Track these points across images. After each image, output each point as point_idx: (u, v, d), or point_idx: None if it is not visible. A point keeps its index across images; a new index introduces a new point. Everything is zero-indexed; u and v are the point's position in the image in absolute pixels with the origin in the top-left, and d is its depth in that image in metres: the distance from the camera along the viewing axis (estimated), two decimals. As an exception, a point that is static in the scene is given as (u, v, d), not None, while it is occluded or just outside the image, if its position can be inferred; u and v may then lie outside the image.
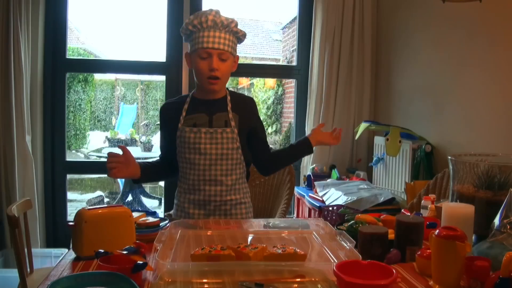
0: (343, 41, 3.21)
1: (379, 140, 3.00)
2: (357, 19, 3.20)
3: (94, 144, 6.40)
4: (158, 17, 3.60)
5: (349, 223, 1.45)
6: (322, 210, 2.16)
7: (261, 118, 1.84)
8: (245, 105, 1.78)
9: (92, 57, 6.52)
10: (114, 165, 1.59)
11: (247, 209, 1.79)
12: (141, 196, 5.04)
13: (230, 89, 1.80)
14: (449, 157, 1.44)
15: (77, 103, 6.09)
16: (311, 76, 3.29)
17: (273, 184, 2.54)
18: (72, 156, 5.97)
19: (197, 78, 1.71)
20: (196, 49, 1.64)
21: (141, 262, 1.08)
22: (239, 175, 1.74)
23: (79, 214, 1.27)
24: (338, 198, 2.58)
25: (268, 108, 6.83)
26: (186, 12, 3.22)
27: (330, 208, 1.94)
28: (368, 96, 3.29)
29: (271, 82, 6.68)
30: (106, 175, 1.78)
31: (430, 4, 2.63)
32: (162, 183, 4.23)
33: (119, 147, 1.67)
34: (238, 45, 1.74)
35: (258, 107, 1.83)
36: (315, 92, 3.26)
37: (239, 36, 1.71)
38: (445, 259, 1.08)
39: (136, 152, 5.62)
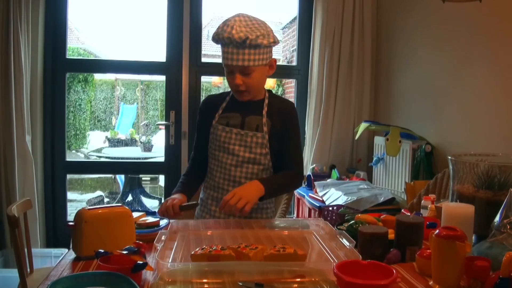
0: (343, 41, 3.21)
1: (379, 140, 3.00)
2: (357, 19, 3.20)
3: (94, 144, 6.40)
4: (158, 17, 3.59)
5: (349, 223, 1.45)
6: (322, 210, 2.16)
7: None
8: (282, 111, 1.73)
9: (92, 57, 6.52)
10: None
11: (268, 214, 1.80)
12: (141, 196, 5.05)
13: (273, 91, 1.76)
14: (449, 157, 1.44)
15: (77, 103, 6.09)
16: (311, 76, 3.29)
17: (273, 184, 2.53)
18: (72, 156, 5.97)
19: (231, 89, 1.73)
20: (223, 63, 1.65)
21: (141, 262, 1.08)
22: None
23: (79, 214, 1.27)
24: (338, 198, 2.58)
25: (268, 108, 6.82)
26: (186, 12, 3.22)
27: (330, 208, 1.94)
28: (368, 96, 3.29)
29: (271, 82, 6.67)
30: (106, 175, 1.78)
31: (430, 4, 2.63)
32: (162, 183, 4.24)
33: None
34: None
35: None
36: (315, 92, 3.26)
37: (267, 46, 1.63)
38: (445, 259, 1.08)
39: (136, 152, 5.63)
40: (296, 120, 1.77)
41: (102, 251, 1.16)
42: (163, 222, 1.54)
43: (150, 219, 1.53)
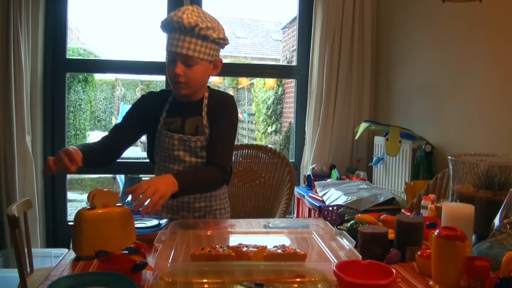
0: (343, 41, 3.20)
1: (379, 140, 3.00)
2: (357, 19, 3.20)
3: (94, 144, 6.39)
4: (158, 17, 3.59)
5: (349, 223, 1.45)
6: (322, 210, 2.16)
7: (260, 118, 1.75)
8: (220, 108, 1.64)
9: (92, 57, 6.53)
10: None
11: (222, 215, 1.76)
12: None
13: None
14: (449, 157, 1.44)
15: (77, 103, 6.09)
16: (311, 76, 3.29)
17: (273, 184, 2.53)
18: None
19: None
20: (167, 50, 1.55)
21: (141, 262, 1.08)
22: None
23: (79, 214, 1.27)
24: (338, 198, 2.58)
25: (268, 108, 6.83)
26: (186, 12, 3.22)
27: (330, 208, 1.94)
28: (368, 96, 3.29)
29: (271, 82, 6.68)
30: (106, 175, 1.78)
31: (430, 4, 2.63)
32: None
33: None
34: (224, 48, 1.60)
35: (258, 107, 1.69)
36: (315, 92, 3.26)
37: (215, 40, 1.54)
38: (445, 259, 1.08)
39: (136, 152, 5.63)
40: (229, 112, 1.64)
41: (102, 251, 1.16)
42: (163, 222, 1.54)
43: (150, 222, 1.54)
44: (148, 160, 1.78)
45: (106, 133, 1.69)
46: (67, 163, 1.39)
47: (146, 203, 1.32)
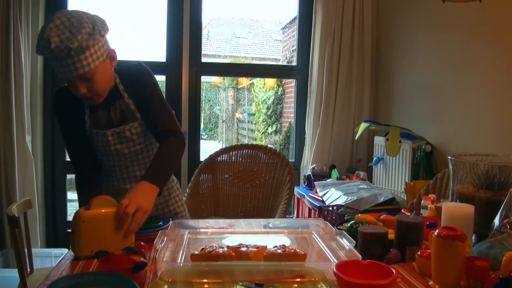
0: (343, 41, 3.21)
1: (379, 140, 3.00)
2: (357, 19, 3.20)
3: (94, 144, 6.38)
4: (158, 17, 3.60)
5: (349, 223, 1.45)
6: (322, 210, 2.16)
7: (260, 118, 1.72)
8: (137, 83, 1.53)
9: (92, 57, 6.51)
10: None
11: (177, 197, 1.73)
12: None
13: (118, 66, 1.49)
14: (449, 157, 1.44)
15: (77, 103, 6.09)
16: (311, 76, 3.29)
17: (273, 184, 2.54)
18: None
19: None
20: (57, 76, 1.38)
21: (141, 262, 1.08)
22: None
23: (77, 214, 1.27)
24: (338, 198, 2.58)
25: (268, 108, 6.83)
26: (186, 12, 3.22)
27: (330, 208, 1.94)
28: (368, 96, 3.29)
29: (271, 82, 6.68)
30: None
31: (430, 4, 2.63)
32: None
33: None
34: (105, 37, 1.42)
35: (258, 107, 1.63)
36: (315, 92, 3.26)
37: (95, 42, 1.34)
38: (445, 259, 1.08)
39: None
40: (146, 80, 1.54)
41: (102, 251, 1.16)
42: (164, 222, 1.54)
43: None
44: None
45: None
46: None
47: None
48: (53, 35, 1.29)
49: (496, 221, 1.21)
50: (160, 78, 4.06)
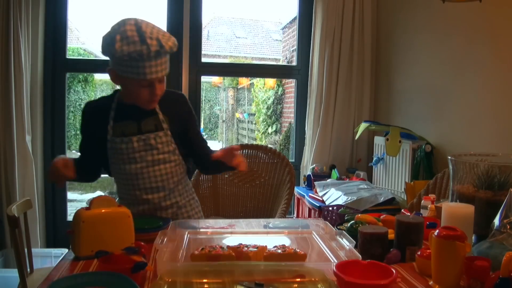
0: (343, 41, 3.20)
1: (379, 140, 3.00)
2: (357, 19, 3.20)
3: (94, 144, 6.39)
4: (158, 17, 3.59)
5: (349, 223, 1.45)
6: (322, 210, 2.16)
7: (260, 118, 1.79)
8: (176, 103, 1.67)
9: (92, 57, 6.52)
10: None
11: (194, 209, 1.78)
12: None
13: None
14: (449, 157, 1.44)
15: (77, 103, 6.08)
16: (311, 76, 3.29)
17: (273, 184, 2.54)
18: (72, 156, 5.97)
19: (133, 99, 1.56)
20: (137, 78, 1.47)
21: (141, 262, 1.08)
22: (180, 176, 1.70)
23: (77, 214, 1.27)
24: (338, 198, 2.58)
25: (268, 108, 6.83)
26: (186, 12, 3.22)
27: (330, 208, 1.94)
28: (368, 96, 3.29)
29: (271, 82, 6.68)
30: (106, 175, 1.77)
31: (430, 4, 2.63)
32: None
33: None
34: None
35: (258, 107, 1.74)
36: (315, 92, 3.26)
37: (171, 49, 1.49)
38: (445, 259, 1.08)
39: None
40: (190, 108, 1.70)
41: (102, 251, 1.16)
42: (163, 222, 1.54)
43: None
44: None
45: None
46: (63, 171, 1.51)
47: None
48: (155, 33, 1.42)
49: (496, 221, 1.21)
50: (160, 78, 4.07)
